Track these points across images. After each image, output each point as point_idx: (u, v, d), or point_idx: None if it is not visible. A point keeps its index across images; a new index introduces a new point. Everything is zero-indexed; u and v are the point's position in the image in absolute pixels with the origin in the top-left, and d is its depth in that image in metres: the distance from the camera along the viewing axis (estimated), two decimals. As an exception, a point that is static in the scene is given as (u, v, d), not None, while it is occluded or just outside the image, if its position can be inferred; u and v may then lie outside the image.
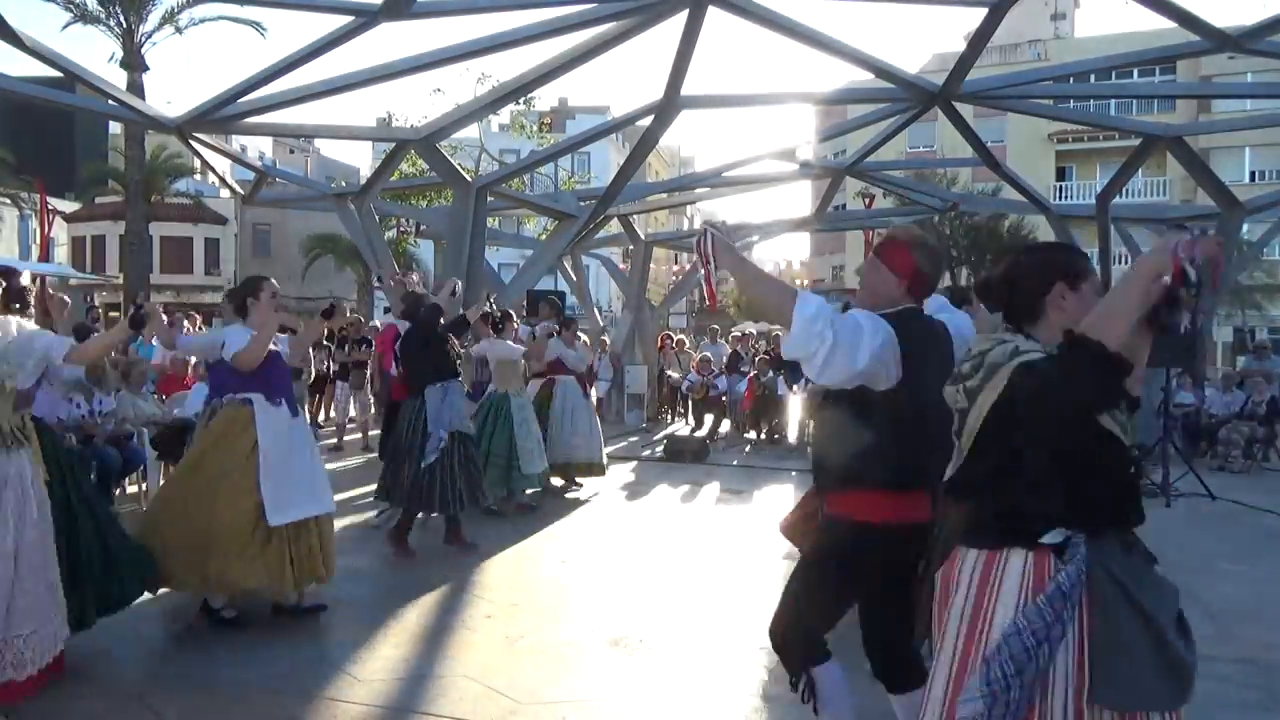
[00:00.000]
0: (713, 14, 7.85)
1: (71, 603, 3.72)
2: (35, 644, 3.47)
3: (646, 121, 10.36)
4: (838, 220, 21.87)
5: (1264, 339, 21.02)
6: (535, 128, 24.77)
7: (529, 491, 7.76)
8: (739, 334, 17.89)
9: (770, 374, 12.54)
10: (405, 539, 6.00)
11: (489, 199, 11.96)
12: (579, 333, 9.03)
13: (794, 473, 9.76)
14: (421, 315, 6.26)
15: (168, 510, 4.51)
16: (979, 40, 8.18)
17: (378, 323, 14.14)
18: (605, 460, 8.84)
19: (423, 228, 19.67)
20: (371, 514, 7.10)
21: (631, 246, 18.09)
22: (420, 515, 6.21)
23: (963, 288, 7.41)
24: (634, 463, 10.69)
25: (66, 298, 5.34)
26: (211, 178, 23.50)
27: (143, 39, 21.11)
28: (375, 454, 9.28)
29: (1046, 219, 14.47)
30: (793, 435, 12.32)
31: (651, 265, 18.82)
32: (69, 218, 31.56)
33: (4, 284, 3.58)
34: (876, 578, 2.67)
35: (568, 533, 7.11)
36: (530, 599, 5.27)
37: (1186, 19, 7.79)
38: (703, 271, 2.65)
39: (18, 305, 3.64)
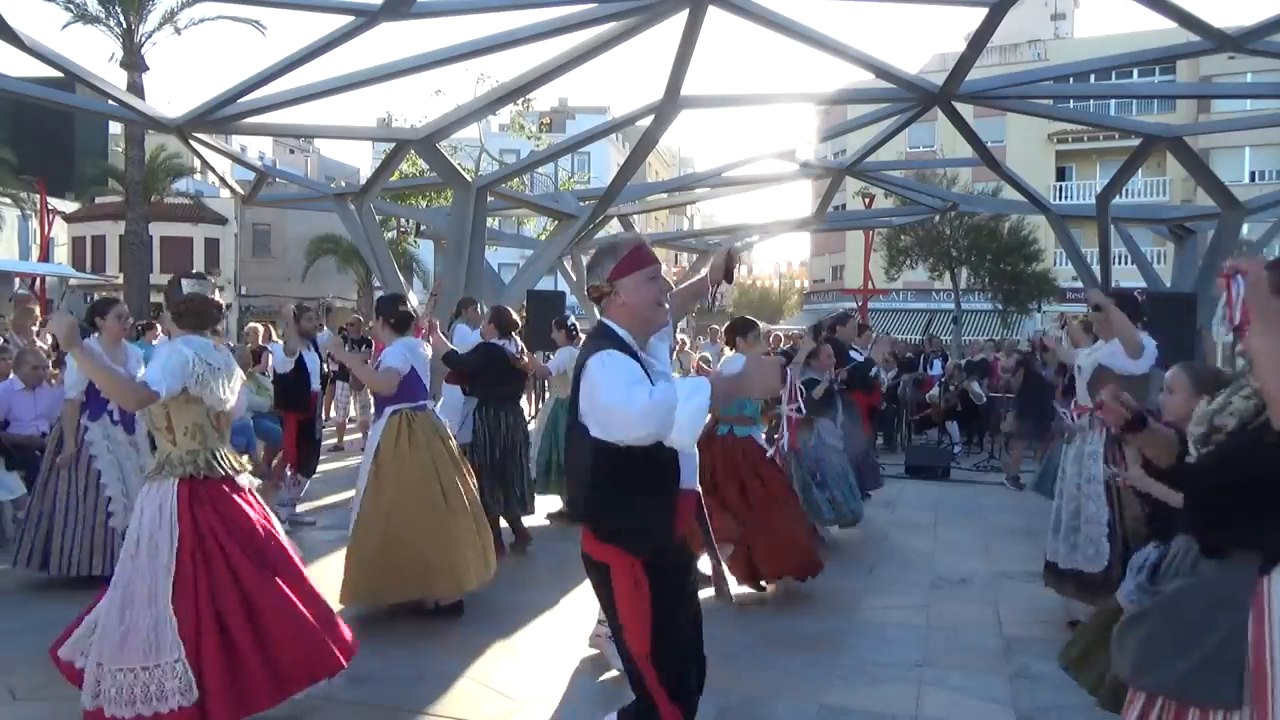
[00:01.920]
0: (713, 14, 7.85)
1: None
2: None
3: (646, 121, 10.36)
4: (838, 220, 21.87)
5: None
6: (535, 128, 24.76)
7: None
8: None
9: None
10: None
11: (489, 199, 11.96)
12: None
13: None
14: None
15: None
16: (979, 40, 8.18)
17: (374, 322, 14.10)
18: None
19: (423, 228, 19.67)
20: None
21: (631, 246, 18.07)
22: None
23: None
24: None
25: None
26: (211, 178, 23.52)
27: (143, 39, 21.10)
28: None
29: (1046, 219, 14.48)
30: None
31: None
32: (69, 218, 31.55)
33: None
34: None
35: (568, 532, 7.11)
36: (530, 600, 5.27)
37: (1186, 19, 7.80)
38: (713, 290, 2.76)
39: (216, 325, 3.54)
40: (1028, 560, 6.03)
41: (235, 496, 3.33)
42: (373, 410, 5.27)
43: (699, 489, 2.75)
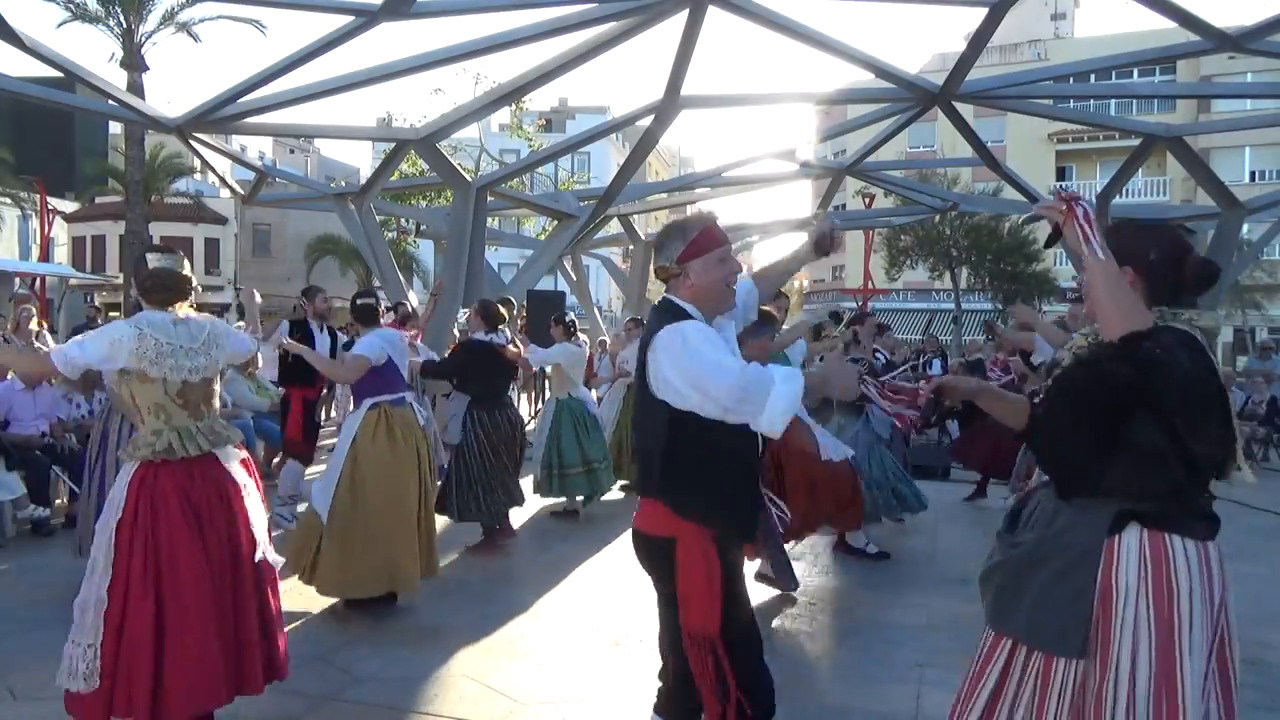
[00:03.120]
0: (713, 14, 7.85)
1: None
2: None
3: (646, 121, 10.36)
4: (838, 220, 21.87)
5: (1268, 339, 21.01)
6: (532, 129, 24.76)
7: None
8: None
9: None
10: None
11: (489, 199, 11.96)
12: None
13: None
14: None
15: None
16: (979, 40, 8.18)
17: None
18: None
19: (423, 228, 19.67)
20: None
21: (631, 246, 18.10)
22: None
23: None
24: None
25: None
26: (211, 178, 23.51)
27: (143, 39, 21.10)
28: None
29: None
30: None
31: (652, 265, 18.84)
32: (69, 218, 31.54)
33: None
34: None
35: (568, 532, 7.10)
36: (530, 599, 5.27)
37: (1186, 19, 7.80)
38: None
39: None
40: (1028, 560, 6.02)
41: (214, 479, 3.14)
42: (351, 402, 5.29)
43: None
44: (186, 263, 3.38)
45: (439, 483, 6.07)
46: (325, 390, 12.58)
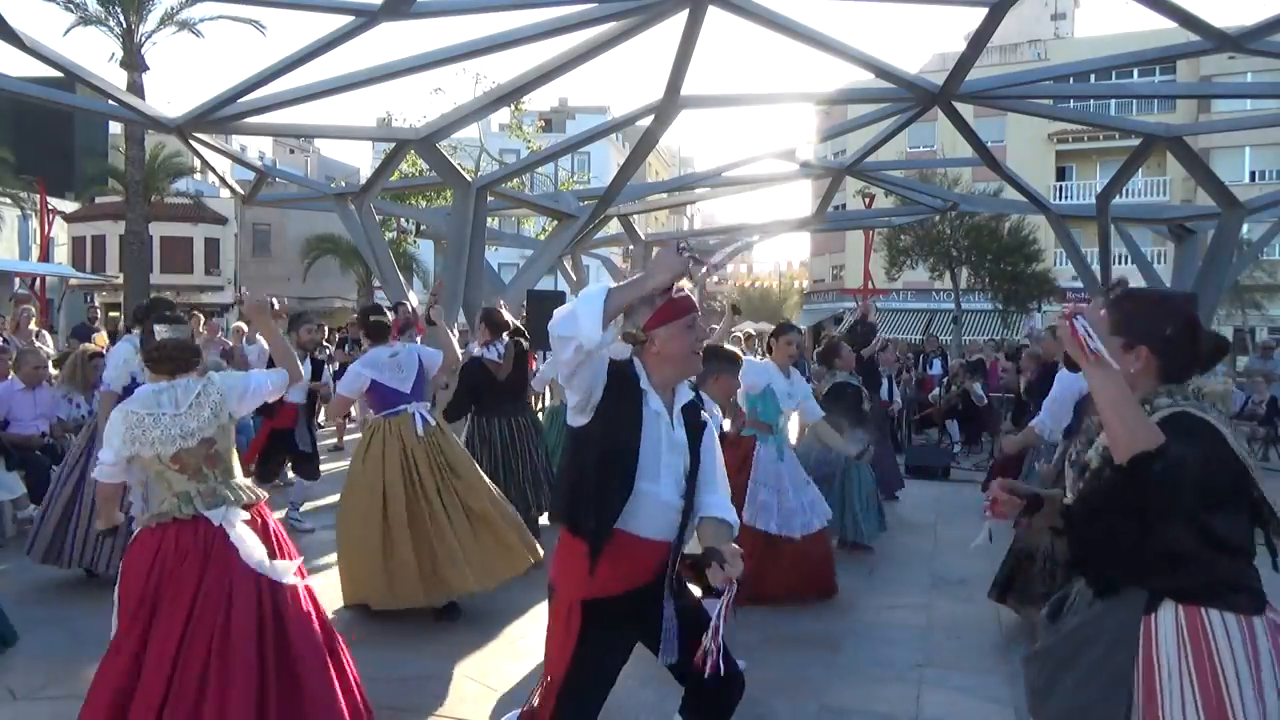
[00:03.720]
0: (713, 14, 7.84)
1: None
2: None
3: (646, 121, 10.34)
4: (838, 220, 21.85)
5: (1268, 339, 21.01)
6: (531, 129, 24.74)
7: None
8: (739, 334, 17.87)
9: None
10: None
11: (489, 199, 11.95)
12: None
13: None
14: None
15: None
16: (979, 40, 8.17)
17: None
18: None
19: (423, 228, 19.66)
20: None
21: (631, 246, 18.09)
22: None
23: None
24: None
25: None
26: (211, 178, 23.50)
27: (143, 39, 21.11)
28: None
29: (1046, 219, 14.47)
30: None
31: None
32: (69, 218, 31.55)
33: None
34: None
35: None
36: (530, 599, 5.27)
37: (1186, 19, 7.79)
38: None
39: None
40: (1028, 560, 6.03)
41: (204, 539, 3.03)
42: (372, 410, 5.32)
43: (676, 546, 2.59)
44: (198, 329, 3.33)
45: None
46: (311, 408, 12.62)
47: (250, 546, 3.05)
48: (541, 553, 5.00)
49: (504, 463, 6.26)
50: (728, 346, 4.82)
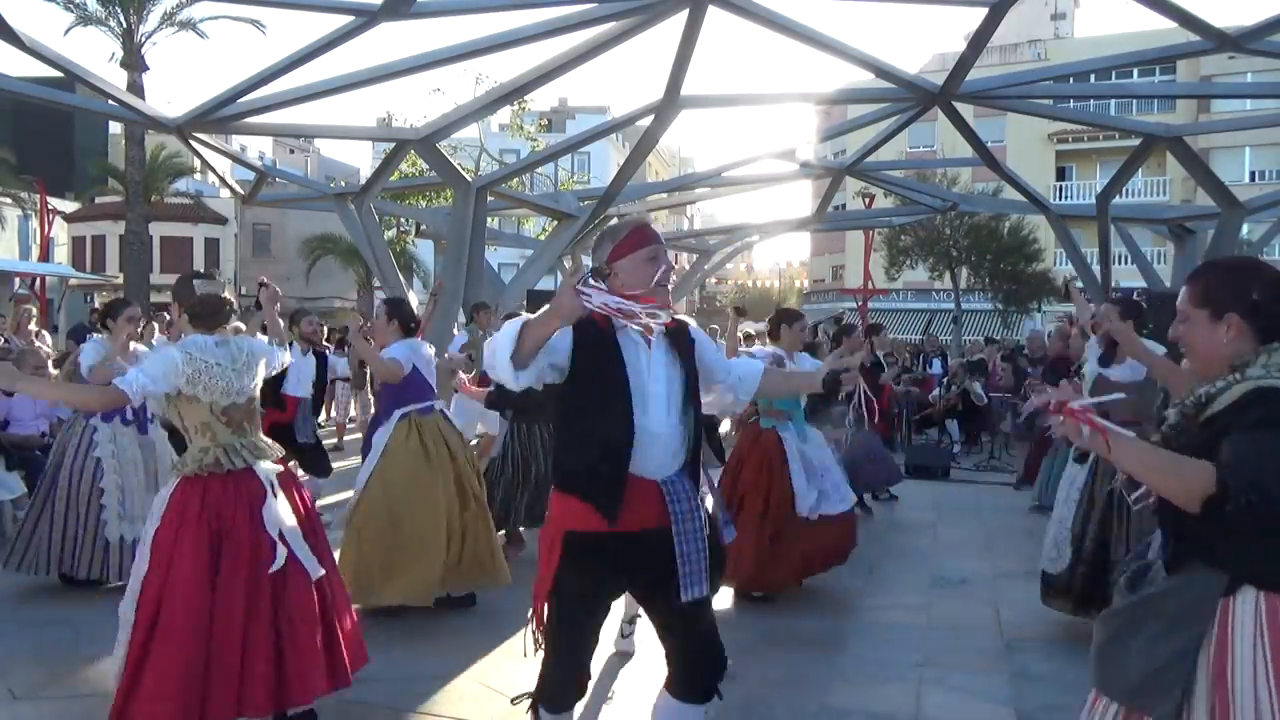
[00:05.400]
0: (713, 14, 7.84)
1: None
2: None
3: (646, 121, 10.35)
4: (838, 220, 21.86)
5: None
6: (533, 128, 24.74)
7: None
8: (741, 334, 17.86)
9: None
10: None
11: (489, 199, 11.95)
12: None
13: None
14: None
15: None
16: (979, 40, 8.17)
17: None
18: None
19: (423, 228, 19.65)
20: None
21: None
22: None
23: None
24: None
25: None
26: (211, 178, 23.51)
27: (143, 39, 21.11)
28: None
29: (1046, 219, 14.48)
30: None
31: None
32: (69, 218, 31.55)
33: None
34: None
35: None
36: (530, 599, 5.26)
37: (1186, 19, 7.79)
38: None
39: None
40: (1028, 560, 6.02)
41: (246, 492, 3.25)
42: (372, 411, 5.28)
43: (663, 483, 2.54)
44: (228, 287, 3.52)
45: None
46: (321, 398, 12.62)
47: (279, 514, 3.26)
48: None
49: (530, 470, 6.15)
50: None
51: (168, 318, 8.12)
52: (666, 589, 2.50)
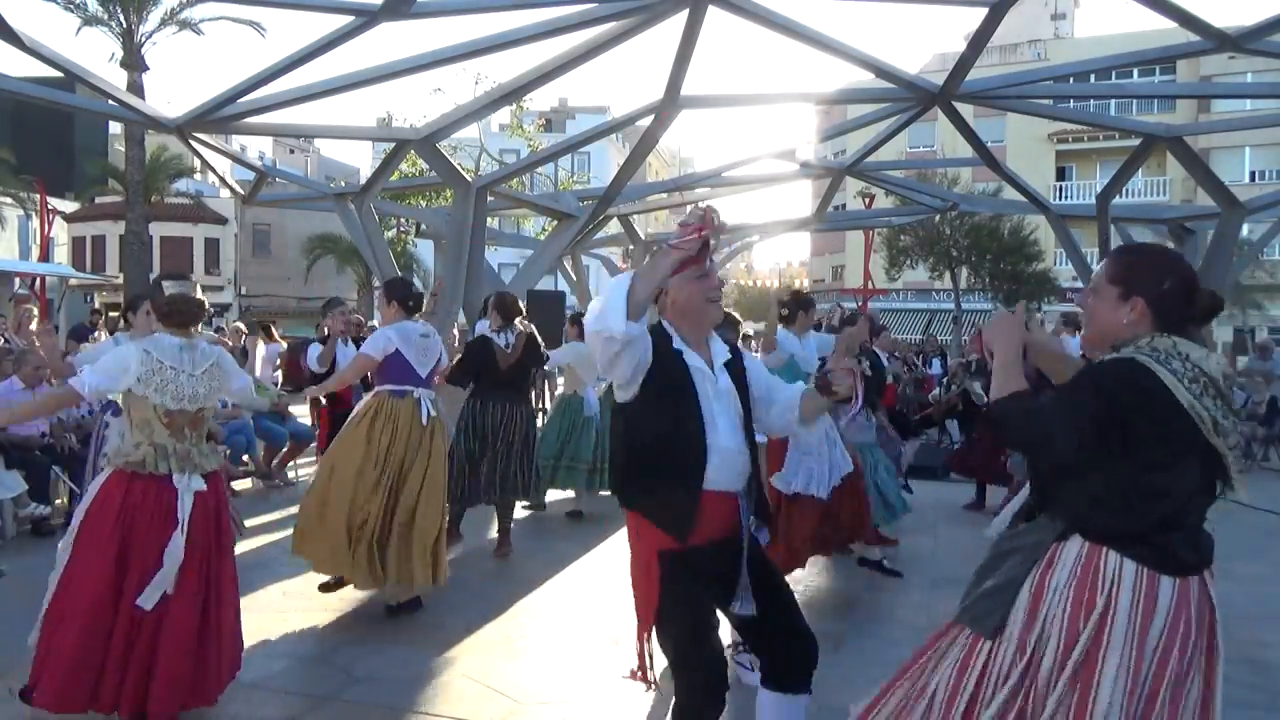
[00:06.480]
0: (713, 14, 7.84)
1: None
2: None
3: (646, 121, 10.34)
4: (838, 220, 21.86)
5: (1267, 339, 21.00)
6: (532, 128, 24.74)
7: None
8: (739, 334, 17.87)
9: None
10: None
11: (489, 199, 11.95)
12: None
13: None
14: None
15: None
16: (979, 40, 8.17)
17: (376, 322, 14.12)
18: None
19: (423, 228, 19.65)
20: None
21: (631, 246, 18.09)
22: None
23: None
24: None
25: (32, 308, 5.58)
26: (211, 178, 23.51)
27: (143, 39, 21.12)
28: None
29: (1046, 219, 14.48)
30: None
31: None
32: (69, 218, 31.55)
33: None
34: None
35: (567, 531, 7.11)
36: (530, 599, 5.27)
37: (1186, 19, 7.79)
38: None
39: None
40: (1028, 560, 6.02)
41: (161, 504, 3.26)
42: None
43: (740, 495, 2.63)
44: (199, 288, 3.55)
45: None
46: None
47: (179, 548, 3.26)
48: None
49: (488, 447, 6.11)
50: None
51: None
52: (730, 598, 2.60)
